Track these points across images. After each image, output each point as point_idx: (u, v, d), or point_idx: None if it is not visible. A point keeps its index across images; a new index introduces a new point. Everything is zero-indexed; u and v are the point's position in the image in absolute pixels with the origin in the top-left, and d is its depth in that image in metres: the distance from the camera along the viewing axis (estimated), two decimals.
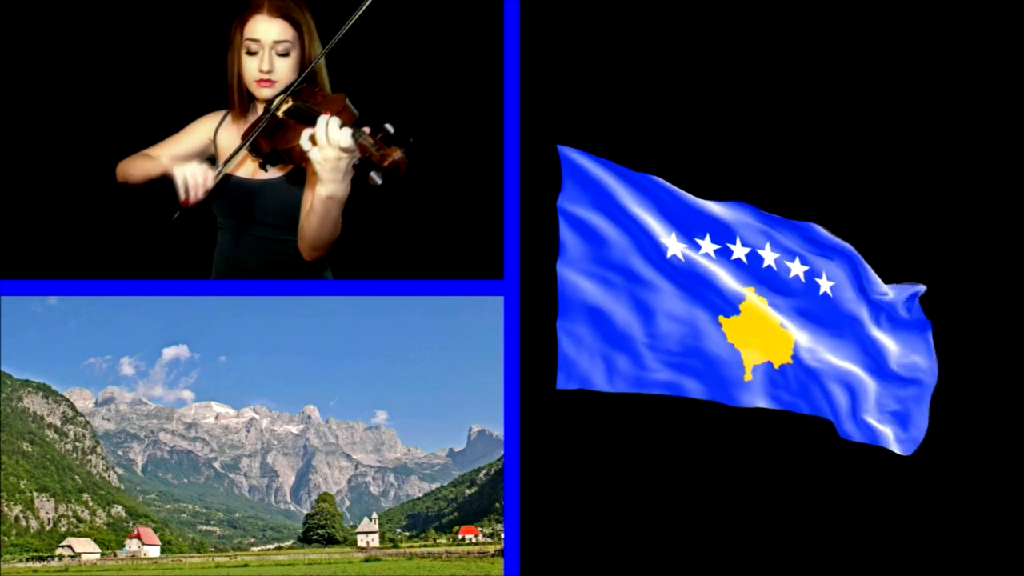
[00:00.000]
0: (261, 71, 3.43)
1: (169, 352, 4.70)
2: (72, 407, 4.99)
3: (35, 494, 4.57)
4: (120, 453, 5.17)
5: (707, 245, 3.87)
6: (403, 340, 4.54)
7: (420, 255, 4.47)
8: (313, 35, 3.46)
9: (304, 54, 3.46)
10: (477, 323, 4.08)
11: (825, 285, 3.92)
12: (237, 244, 3.71)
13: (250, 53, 3.44)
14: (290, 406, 5.19)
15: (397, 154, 3.04)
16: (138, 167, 3.68)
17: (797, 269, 3.91)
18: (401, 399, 4.80)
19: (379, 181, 3.06)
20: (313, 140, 3.08)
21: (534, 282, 4.00)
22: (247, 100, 3.57)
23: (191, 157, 3.60)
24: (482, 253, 4.17)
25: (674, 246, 3.86)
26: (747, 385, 3.87)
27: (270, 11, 3.42)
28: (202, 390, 4.93)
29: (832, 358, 3.89)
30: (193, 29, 4.03)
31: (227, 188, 3.62)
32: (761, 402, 3.88)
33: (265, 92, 3.47)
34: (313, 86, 3.46)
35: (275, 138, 3.31)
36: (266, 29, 3.41)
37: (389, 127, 3.06)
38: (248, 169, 3.64)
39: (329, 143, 3.04)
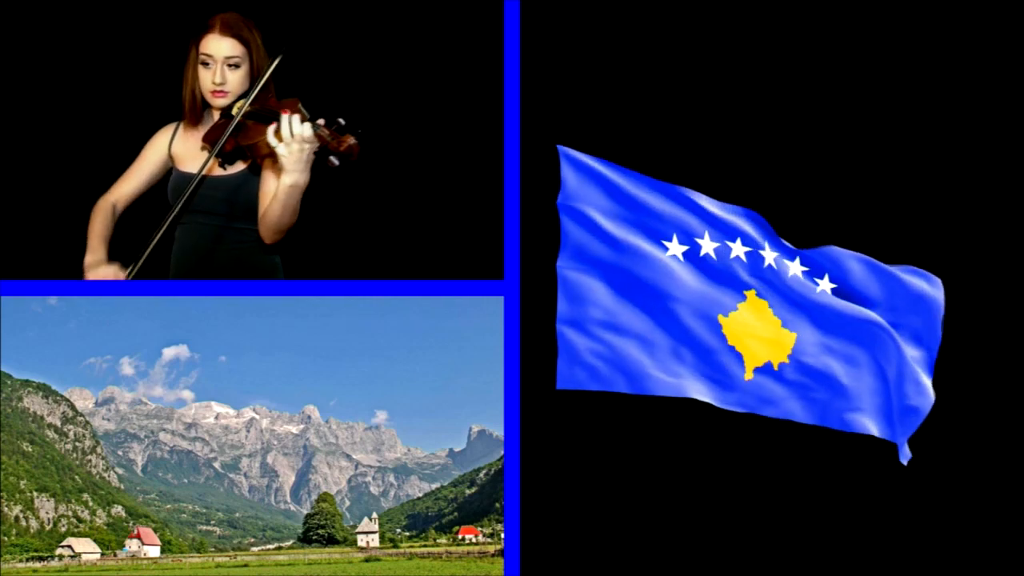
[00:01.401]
0: (214, 83, 3.88)
1: (169, 352, 4.70)
2: (72, 407, 4.99)
3: (35, 494, 4.57)
4: (120, 453, 5.16)
5: (707, 244, 3.87)
6: (403, 340, 4.54)
7: (421, 255, 4.47)
8: (260, 50, 3.91)
9: (253, 66, 3.91)
10: (477, 323, 4.08)
11: (825, 285, 3.92)
12: (196, 235, 4.00)
13: (205, 67, 3.89)
14: (290, 406, 5.20)
15: (351, 140, 3.60)
16: (100, 221, 4.06)
17: (796, 269, 3.91)
18: (401, 399, 4.80)
19: (336, 163, 3.63)
20: (279, 136, 3.60)
21: (534, 282, 4.00)
22: (200, 110, 4.00)
23: (150, 183, 4.08)
24: (482, 253, 4.17)
25: (674, 246, 3.86)
26: (747, 385, 3.87)
27: (222, 31, 3.88)
28: (202, 390, 4.94)
29: (829, 359, 3.89)
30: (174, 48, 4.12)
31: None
32: (761, 403, 3.88)
33: (219, 101, 3.91)
34: (266, 92, 3.86)
35: (238, 137, 3.76)
36: (218, 46, 3.87)
37: (341, 120, 3.60)
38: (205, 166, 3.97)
39: (293, 137, 3.57)
